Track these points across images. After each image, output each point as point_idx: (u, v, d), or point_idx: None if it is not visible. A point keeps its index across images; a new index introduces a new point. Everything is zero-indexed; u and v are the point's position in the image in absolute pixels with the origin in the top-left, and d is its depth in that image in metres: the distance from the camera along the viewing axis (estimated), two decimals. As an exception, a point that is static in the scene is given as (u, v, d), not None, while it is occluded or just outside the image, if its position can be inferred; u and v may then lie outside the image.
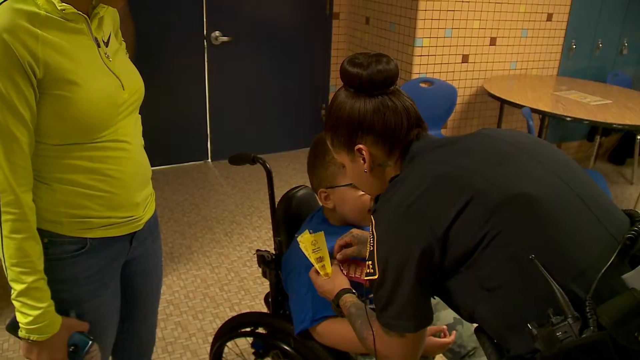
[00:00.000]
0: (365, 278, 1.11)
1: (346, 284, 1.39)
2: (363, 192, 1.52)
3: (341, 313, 1.34)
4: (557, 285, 0.92)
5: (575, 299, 0.93)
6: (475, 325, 1.12)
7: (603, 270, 0.93)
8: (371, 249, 1.08)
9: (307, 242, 1.45)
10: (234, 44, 4.28)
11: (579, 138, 5.01)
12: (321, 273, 1.42)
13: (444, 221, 1.00)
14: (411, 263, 1.01)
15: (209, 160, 4.58)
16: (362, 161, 1.17)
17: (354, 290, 1.36)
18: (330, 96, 4.87)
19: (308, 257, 1.44)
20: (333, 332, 1.45)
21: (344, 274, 1.46)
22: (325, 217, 1.63)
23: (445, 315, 1.64)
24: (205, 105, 4.40)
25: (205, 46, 4.23)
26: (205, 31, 4.19)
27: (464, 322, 1.61)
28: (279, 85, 4.63)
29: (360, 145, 1.15)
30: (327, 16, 4.61)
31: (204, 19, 4.16)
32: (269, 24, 4.43)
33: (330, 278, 1.41)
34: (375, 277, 1.07)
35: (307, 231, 1.47)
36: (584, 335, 0.89)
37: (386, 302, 1.08)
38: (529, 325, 0.94)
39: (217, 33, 4.20)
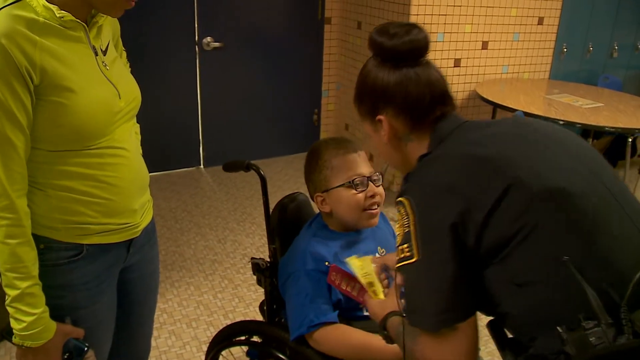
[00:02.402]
0: (400, 264, 1.02)
1: (396, 307, 1.29)
2: (356, 191, 1.51)
3: (387, 337, 1.24)
4: (591, 290, 0.90)
5: (609, 303, 0.90)
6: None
7: (638, 275, 0.90)
8: (407, 230, 1.00)
9: (356, 267, 1.42)
10: (225, 50, 4.26)
11: (571, 141, 5.02)
12: (373, 298, 1.36)
13: (483, 206, 0.95)
14: (450, 242, 0.96)
15: (201, 166, 4.55)
16: (382, 132, 1.15)
17: (404, 314, 1.28)
18: (323, 101, 4.87)
19: (359, 279, 1.40)
20: (330, 339, 1.44)
21: (336, 284, 1.44)
22: (324, 222, 1.63)
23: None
24: (197, 111, 4.38)
25: (197, 52, 4.21)
26: (196, 37, 4.17)
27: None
28: (271, 90, 4.62)
29: (381, 117, 1.13)
30: (318, 21, 4.60)
31: (195, 25, 4.15)
32: (261, 30, 4.42)
33: (382, 301, 1.33)
34: (414, 259, 0.99)
35: (354, 257, 1.44)
36: (618, 342, 0.87)
37: (428, 292, 0.99)
38: (558, 328, 0.91)
39: (208, 39, 4.19)
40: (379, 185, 1.55)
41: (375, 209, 1.55)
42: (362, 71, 1.17)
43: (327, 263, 1.48)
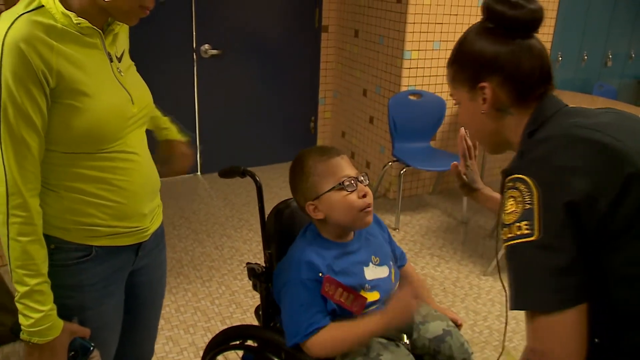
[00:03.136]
0: (512, 242, 0.99)
1: None
2: (348, 192, 1.52)
3: None
4: None
5: None
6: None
7: None
8: (528, 207, 0.97)
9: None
10: (223, 57, 4.30)
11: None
12: None
13: (608, 193, 0.94)
14: (573, 221, 0.94)
15: (199, 173, 4.57)
16: (481, 101, 1.13)
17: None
18: (320, 109, 4.90)
19: None
20: (327, 341, 1.45)
21: (329, 295, 1.46)
22: (317, 231, 1.62)
23: (434, 326, 1.64)
24: (194, 118, 4.41)
25: (195, 59, 4.24)
26: (194, 44, 4.21)
27: (453, 333, 1.61)
28: (268, 98, 4.64)
29: (485, 84, 1.11)
30: (316, 29, 4.64)
31: (194, 32, 4.18)
32: (259, 37, 4.45)
33: None
34: (534, 237, 0.95)
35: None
36: None
37: (550, 269, 0.95)
38: None
39: (206, 46, 4.22)
40: (365, 185, 1.57)
41: (369, 207, 1.55)
42: (467, 36, 1.15)
43: (320, 274, 1.49)
